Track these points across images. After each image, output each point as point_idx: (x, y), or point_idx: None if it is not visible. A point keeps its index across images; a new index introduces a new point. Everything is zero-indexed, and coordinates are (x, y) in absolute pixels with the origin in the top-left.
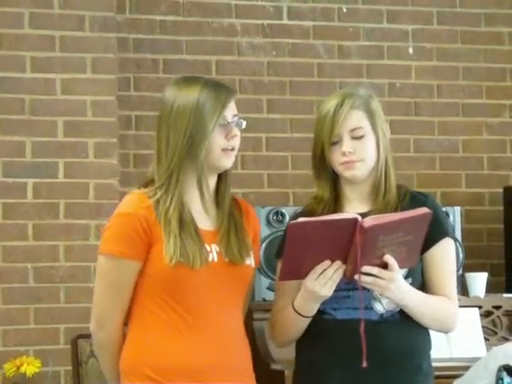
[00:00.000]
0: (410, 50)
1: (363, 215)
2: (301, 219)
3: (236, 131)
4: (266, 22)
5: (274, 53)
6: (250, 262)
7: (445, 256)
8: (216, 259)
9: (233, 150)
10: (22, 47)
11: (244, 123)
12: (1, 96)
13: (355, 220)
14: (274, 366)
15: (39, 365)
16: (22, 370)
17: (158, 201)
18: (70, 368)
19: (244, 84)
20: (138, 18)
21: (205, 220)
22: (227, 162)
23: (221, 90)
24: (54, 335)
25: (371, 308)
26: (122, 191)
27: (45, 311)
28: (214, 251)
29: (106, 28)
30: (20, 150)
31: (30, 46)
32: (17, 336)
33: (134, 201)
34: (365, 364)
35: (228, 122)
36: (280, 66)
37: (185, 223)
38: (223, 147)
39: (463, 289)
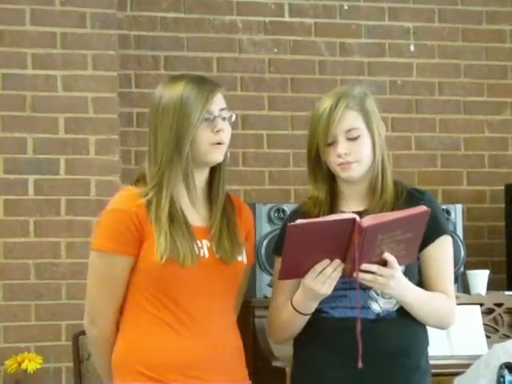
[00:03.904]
0: (412, 48)
1: (360, 214)
2: (299, 221)
3: (222, 125)
4: (267, 19)
5: (276, 50)
6: (242, 258)
7: (442, 253)
8: (207, 255)
9: (221, 143)
10: (23, 44)
11: (233, 117)
12: (2, 92)
13: (353, 220)
14: (275, 363)
15: (41, 361)
16: (24, 366)
17: (149, 201)
18: (71, 365)
19: (245, 81)
20: (139, 15)
21: (195, 216)
22: (216, 156)
23: (204, 85)
24: (56, 332)
25: (368, 307)
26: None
27: (46, 308)
28: (205, 247)
29: (107, 25)
30: (21, 147)
31: (31, 43)
32: (18, 332)
33: (126, 198)
34: (360, 365)
35: (214, 116)
36: (281, 63)
37: (175, 220)
38: (210, 141)
39: (464, 286)
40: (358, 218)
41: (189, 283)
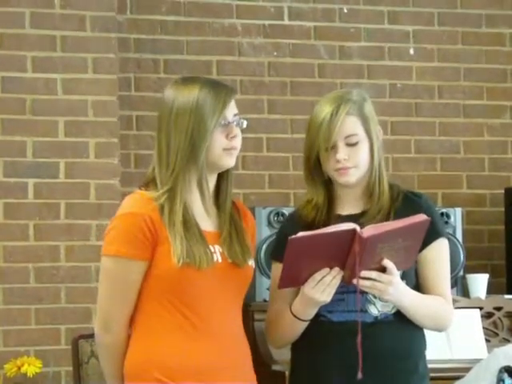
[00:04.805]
0: (411, 51)
1: (356, 216)
2: (301, 233)
3: (237, 131)
4: (266, 22)
5: (275, 53)
6: (252, 262)
7: (439, 256)
8: (220, 260)
9: (234, 149)
10: (23, 47)
11: (245, 123)
12: (2, 96)
13: (354, 230)
14: (274, 367)
15: (40, 365)
16: (23, 370)
17: (162, 205)
18: (70, 368)
19: (245, 84)
20: (139, 18)
21: (206, 221)
22: (229, 161)
23: (220, 89)
24: (55, 335)
25: (366, 311)
26: (122, 191)
27: (46, 311)
28: (217, 252)
29: (106, 28)
30: (21, 150)
31: (31, 46)
32: (18, 336)
33: (140, 201)
34: (360, 375)
35: (229, 122)
36: (281, 66)
37: (189, 225)
38: (224, 147)
39: (464, 290)
40: (358, 228)
41: (203, 287)
